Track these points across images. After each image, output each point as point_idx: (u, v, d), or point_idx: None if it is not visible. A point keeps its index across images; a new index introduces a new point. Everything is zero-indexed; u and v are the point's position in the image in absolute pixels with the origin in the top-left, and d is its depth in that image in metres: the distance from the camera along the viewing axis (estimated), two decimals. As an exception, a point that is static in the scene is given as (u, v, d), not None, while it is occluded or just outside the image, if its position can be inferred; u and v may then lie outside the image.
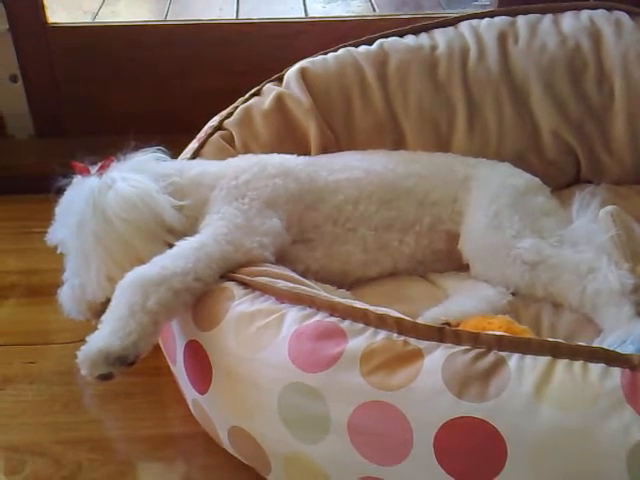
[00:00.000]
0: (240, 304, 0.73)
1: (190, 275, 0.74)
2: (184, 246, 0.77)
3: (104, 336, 0.69)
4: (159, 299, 0.71)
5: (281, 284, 0.74)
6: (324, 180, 0.92)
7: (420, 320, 0.75)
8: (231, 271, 0.77)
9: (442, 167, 0.98)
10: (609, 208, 0.87)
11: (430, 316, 0.82)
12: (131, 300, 0.71)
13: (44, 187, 0.86)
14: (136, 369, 0.71)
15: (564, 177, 1.13)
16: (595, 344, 0.74)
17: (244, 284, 0.75)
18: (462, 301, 0.86)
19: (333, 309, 0.69)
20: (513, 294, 0.87)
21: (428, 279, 0.95)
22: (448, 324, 0.77)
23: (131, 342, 0.68)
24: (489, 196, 0.91)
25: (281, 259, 0.85)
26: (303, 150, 1.03)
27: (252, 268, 0.78)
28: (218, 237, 0.78)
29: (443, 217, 0.93)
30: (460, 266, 0.93)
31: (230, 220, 0.81)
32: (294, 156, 0.96)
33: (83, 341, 0.70)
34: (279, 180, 0.88)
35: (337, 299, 0.72)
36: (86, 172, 0.85)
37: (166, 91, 1.39)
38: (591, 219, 0.90)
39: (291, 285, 0.75)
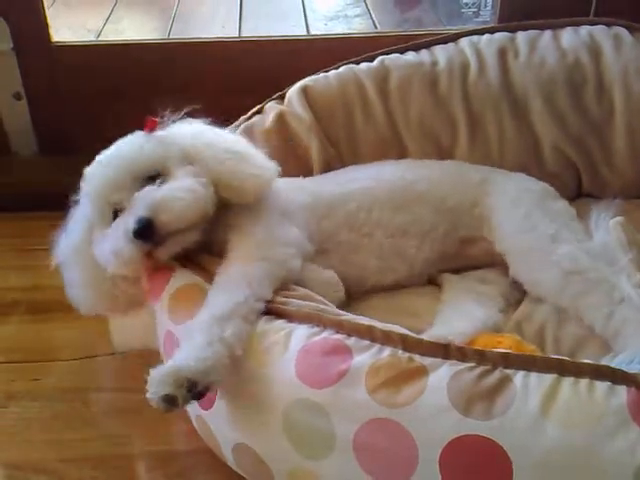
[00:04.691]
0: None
1: (251, 298, 0.72)
2: (228, 280, 0.75)
3: (179, 358, 0.67)
4: (234, 329, 0.69)
5: (291, 305, 0.74)
6: (335, 191, 0.93)
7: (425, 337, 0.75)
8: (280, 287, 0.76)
9: (454, 172, 0.98)
10: (618, 219, 0.87)
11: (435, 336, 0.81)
12: (208, 332, 0.69)
13: (47, 204, 0.86)
14: (139, 385, 0.70)
15: (566, 191, 1.12)
16: (603, 362, 0.74)
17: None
18: (454, 321, 0.85)
19: (340, 326, 0.69)
20: (518, 303, 0.87)
21: (434, 295, 0.94)
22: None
23: (205, 367, 0.66)
24: (510, 199, 0.92)
25: None
26: (305, 167, 1.04)
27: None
28: (249, 259, 0.76)
29: (461, 223, 0.93)
30: (464, 265, 0.94)
31: (254, 234, 0.80)
32: (300, 178, 0.97)
33: (86, 358, 0.70)
34: (291, 194, 0.89)
35: (343, 316, 0.72)
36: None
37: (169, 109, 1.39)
38: (605, 232, 0.89)
39: (302, 303, 0.74)
